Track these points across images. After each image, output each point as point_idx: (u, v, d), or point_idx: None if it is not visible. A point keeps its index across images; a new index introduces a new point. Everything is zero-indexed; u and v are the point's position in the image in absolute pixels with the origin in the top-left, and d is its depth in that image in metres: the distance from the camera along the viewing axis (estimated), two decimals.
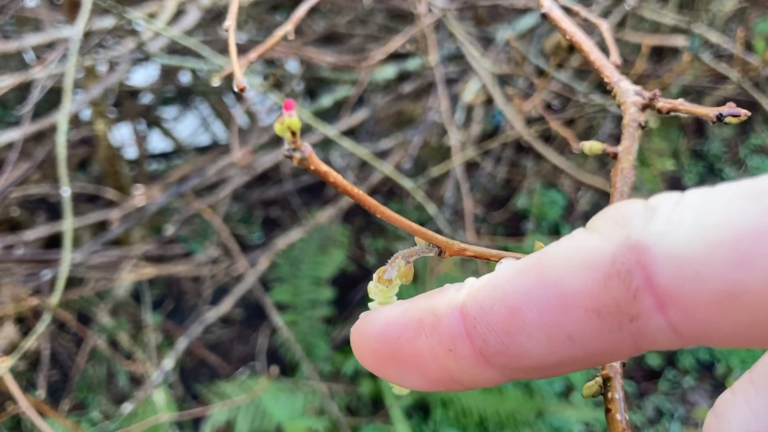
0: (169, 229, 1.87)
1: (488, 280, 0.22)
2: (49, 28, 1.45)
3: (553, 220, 2.42)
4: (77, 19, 1.04)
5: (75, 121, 1.91)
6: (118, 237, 1.69)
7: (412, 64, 1.72)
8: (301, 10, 0.69)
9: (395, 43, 1.21)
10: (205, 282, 2.07)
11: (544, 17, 0.49)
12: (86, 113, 1.94)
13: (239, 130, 2.05)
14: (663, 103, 0.42)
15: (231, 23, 0.63)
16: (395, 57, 1.68)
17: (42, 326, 0.88)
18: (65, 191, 0.92)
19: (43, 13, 1.62)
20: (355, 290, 2.24)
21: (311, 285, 2.10)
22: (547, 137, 2.14)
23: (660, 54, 2.11)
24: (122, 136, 2.33)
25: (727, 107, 0.38)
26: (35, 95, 1.13)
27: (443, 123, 1.49)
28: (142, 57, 1.31)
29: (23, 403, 0.84)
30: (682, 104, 0.42)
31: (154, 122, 2.39)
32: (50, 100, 1.48)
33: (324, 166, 0.23)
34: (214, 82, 0.76)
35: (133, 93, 2.18)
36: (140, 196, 1.72)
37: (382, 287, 0.27)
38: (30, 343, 0.84)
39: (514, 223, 2.46)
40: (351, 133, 1.95)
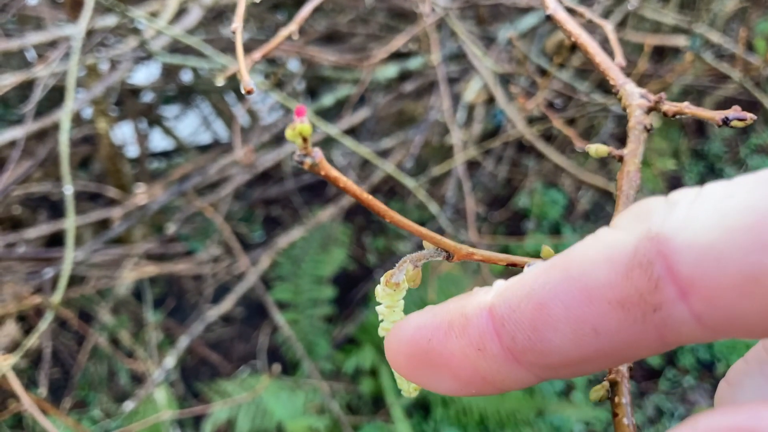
0: (171, 228, 1.87)
1: (516, 280, 0.23)
2: (51, 27, 1.45)
3: (553, 220, 2.42)
4: (80, 18, 1.04)
5: (77, 120, 1.91)
6: (119, 235, 1.69)
7: (414, 63, 1.72)
8: (305, 10, 0.69)
9: (397, 42, 1.21)
10: (207, 280, 2.07)
11: (549, 19, 0.49)
12: (88, 111, 1.94)
13: (240, 128, 2.05)
14: (668, 106, 0.42)
15: (238, 25, 0.63)
16: (397, 56, 1.68)
17: (44, 324, 0.88)
18: (68, 189, 0.92)
19: (44, 11, 1.62)
20: (356, 289, 2.25)
21: (312, 284, 2.10)
22: (548, 136, 2.15)
23: (661, 54, 2.11)
24: (124, 134, 2.33)
25: (733, 111, 0.38)
26: (37, 93, 1.13)
27: (445, 122, 1.49)
28: (144, 55, 1.31)
29: (25, 401, 0.84)
30: (688, 107, 0.42)
31: (156, 121, 2.39)
32: (52, 98, 1.48)
33: (334, 172, 0.24)
34: (219, 82, 0.76)
35: (135, 91, 2.18)
36: (142, 195, 1.73)
37: (390, 291, 0.27)
38: (32, 342, 0.85)
39: (515, 223, 2.46)
40: (352, 132, 1.95)
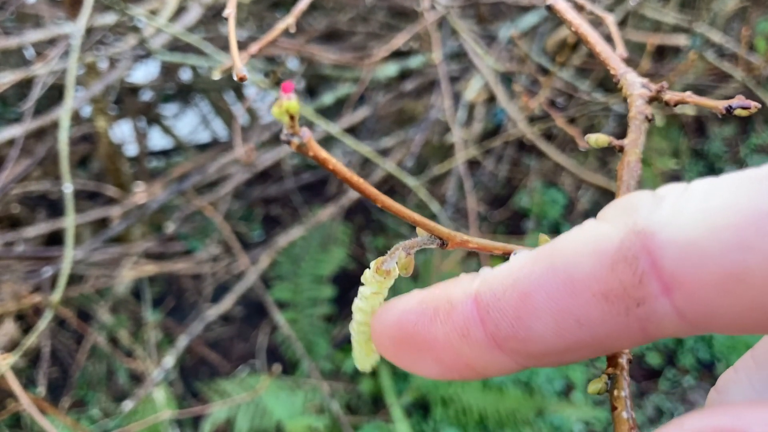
0: (170, 227, 1.86)
1: (502, 268, 0.23)
2: (50, 25, 1.44)
3: (553, 219, 2.42)
4: (79, 16, 1.03)
5: (75, 118, 1.90)
6: (118, 234, 1.68)
7: (414, 62, 1.72)
8: (302, 4, 0.69)
9: (398, 41, 1.21)
10: (206, 280, 2.06)
11: (549, 9, 0.49)
12: (87, 110, 1.94)
13: (240, 127, 2.05)
14: (670, 96, 0.42)
15: (231, 11, 0.62)
16: (397, 54, 1.68)
17: (43, 323, 0.88)
18: (67, 188, 0.92)
19: (43, 9, 1.62)
20: (355, 288, 2.24)
21: (312, 283, 2.10)
22: (549, 135, 2.14)
23: (661, 53, 2.11)
24: (123, 133, 2.33)
25: (737, 99, 0.38)
26: (36, 92, 1.12)
27: (445, 121, 1.49)
28: (144, 54, 1.31)
29: (24, 401, 0.84)
30: (690, 96, 0.42)
31: (155, 119, 2.39)
32: (50, 96, 1.48)
33: (323, 153, 0.23)
34: (215, 76, 0.76)
35: (134, 90, 2.17)
36: (141, 194, 1.72)
37: (380, 278, 0.27)
38: (31, 341, 0.84)
39: (515, 222, 2.46)
40: (352, 131, 1.94)
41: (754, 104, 0.37)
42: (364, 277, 0.27)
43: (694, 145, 2.64)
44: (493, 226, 2.41)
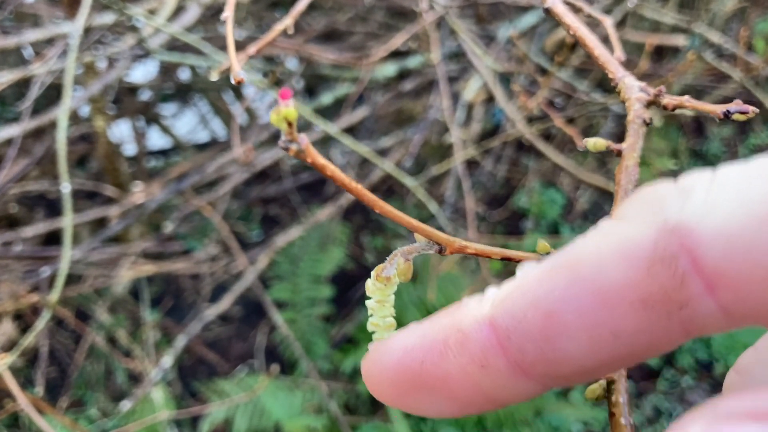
0: (169, 227, 1.86)
1: (515, 287, 0.21)
2: (49, 24, 1.44)
3: (552, 219, 2.42)
4: (77, 15, 1.03)
5: (74, 118, 1.90)
6: (116, 234, 1.68)
7: (413, 62, 1.72)
8: (301, 5, 0.69)
9: (397, 41, 1.20)
10: (204, 279, 2.06)
11: (547, 12, 0.49)
12: (85, 110, 1.94)
13: (239, 127, 2.04)
14: (669, 100, 0.42)
15: (229, 14, 0.62)
16: (396, 54, 1.68)
17: (41, 323, 0.88)
18: (65, 187, 0.91)
19: (42, 8, 1.62)
20: (354, 288, 2.24)
21: (310, 283, 2.10)
22: (547, 136, 2.14)
23: (660, 53, 2.11)
24: (121, 132, 2.33)
25: (735, 104, 0.38)
26: (35, 91, 1.12)
27: (443, 121, 1.49)
28: (142, 53, 1.31)
29: (22, 400, 0.84)
30: (689, 101, 0.42)
31: (153, 119, 2.39)
32: (48, 96, 1.48)
33: (321, 159, 0.23)
34: (213, 77, 0.76)
35: (132, 90, 2.17)
36: (139, 193, 1.72)
37: (381, 285, 0.26)
38: (29, 341, 0.84)
39: (514, 222, 2.46)
40: (351, 131, 1.94)
41: (752, 109, 0.37)
42: (366, 287, 0.27)
43: (693, 146, 2.64)
44: (491, 226, 2.41)
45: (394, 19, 1.96)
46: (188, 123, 2.60)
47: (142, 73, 2.18)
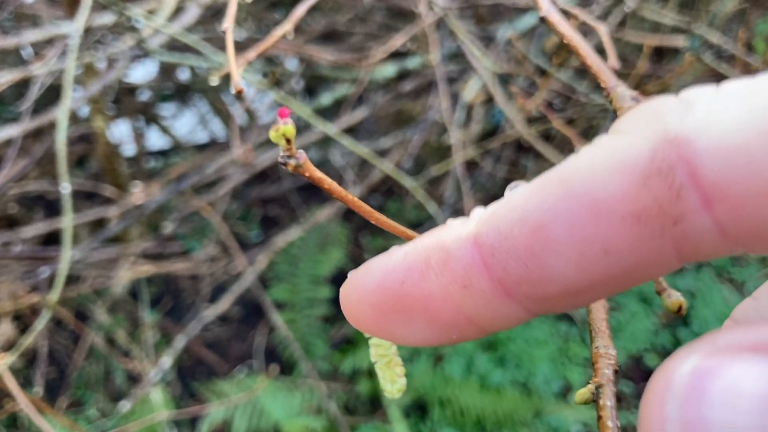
0: (168, 227, 1.86)
1: (503, 203, 0.20)
2: (48, 25, 1.44)
3: None
4: (77, 16, 1.03)
5: (73, 118, 1.90)
6: (116, 234, 1.68)
7: (412, 63, 1.72)
8: (301, 9, 0.69)
9: (396, 42, 1.20)
10: (204, 280, 2.06)
11: (543, 21, 0.49)
12: (84, 110, 1.94)
13: (238, 127, 2.04)
14: None
15: (229, 25, 0.63)
16: (395, 55, 1.68)
17: (41, 324, 0.88)
18: (65, 188, 0.91)
19: (42, 9, 1.62)
20: None
21: (310, 283, 2.10)
22: (547, 136, 2.14)
23: (660, 54, 2.11)
24: (120, 133, 2.33)
25: None
26: (35, 91, 1.12)
27: (443, 122, 1.49)
28: (142, 54, 1.31)
29: (21, 400, 0.84)
30: None
31: (153, 119, 2.39)
32: (47, 96, 1.47)
33: (318, 173, 0.23)
34: (213, 82, 0.76)
35: (132, 90, 2.17)
36: (139, 194, 1.72)
37: None
38: (29, 341, 0.84)
39: None
40: (350, 132, 1.94)
41: None
42: None
43: None
44: None
45: (394, 20, 1.96)
46: (187, 123, 2.60)
47: (142, 74, 2.18)
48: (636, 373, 2.11)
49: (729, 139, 0.16)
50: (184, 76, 2.25)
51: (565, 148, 2.18)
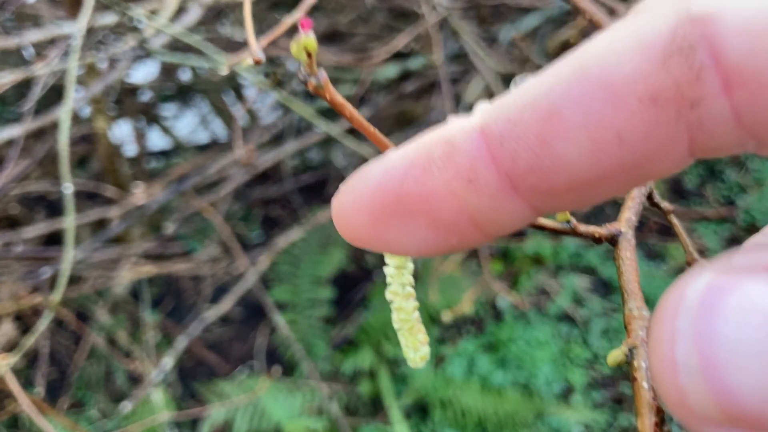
0: (169, 228, 1.86)
1: (512, 92, 0.19)
2: (50, 25, 1.44)
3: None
4: (79, 16, 1.03)
5: (74, 118, 1.90)
6: (117, 235, 1.68)
7: (415, 64, 1.72)
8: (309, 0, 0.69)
9: (399, 42, 1.20)
10: (205, 281, 2.06)
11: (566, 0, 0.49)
12: (86, 110, 1.93)
13: (240, 128, 2.04)
14: None
15: None
16: (397, 56, 1.68)
17: (43, 324, 0.87)
18: (67, 188, 0.91)
19: (43, 9, 1.61)
20: (354, 290, 2.24)
21: (311, 284, 2.10)
22: None
23: None
24: (122, 133, 2.32)
25: None
26: (37, 92, 1.12)
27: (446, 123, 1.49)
28: (143, 54, 1.30)
29: (22, 401, 0.83)
30: None
31: (154, 120, 2.38)
32: (49, 96, 1.47)
33: (340, 98, 0.22)
34: (223, 71, 0.75)
35: (133, 90, 2.17)
36: (140, 194, 1.72)
37: (396, 261, 0.26)
38: (31, 342, 0.84)
39: None
40: (352, 132, 1.94)
41: None
42: (385, 255, 0.25)
43: None
44: None
45: (396, 21, 1.96)
46: (189, 124, 2.60)
47: (143, 74, 2.18)
48: None
49: (757, 19, 0.16)
50: (185, 76, 2.25)
51: None
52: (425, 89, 1.92)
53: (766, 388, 0.14)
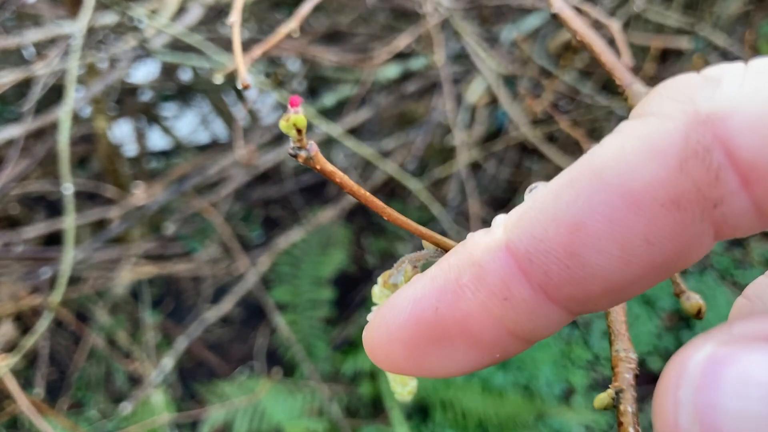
0: (170, 228, 1.85)
1: (529, 206, 0.19)
2: (51, 24, 1.43)
3: None
4: (80, 15, 1.02)
5: (75, 118, 1.89)
6: (117, 235, 1.67)
7: (416, 64, 1.71)
8: (306, 8, 0.68)
9: (400, 42, 1.20)
10: (205, 281, 2.06)
11: (555, 17, 0.48)
12: (86, 110, 1.93)
13: (241, 128, 2.04)
14: None
15: (236, 18, 0.62)
16: (399, 56, 1.67)
17: (43, 325, 0.87)
18: (68, 188, 0.91)
19: (44, 8, 1.61)
20: (355, 291, 2.23)
21: (312, 285, 2.09)
22: (550, 137, 2.14)
23: (663, 56, 2.10)
24: (122, 133, 2.32)
25: None
26: (37, 92, 1.11)
27: (447, 123, 1.48)
28: (144, 54, 1.30)
29: (22, 402, 0.83)
30: None
31: (154, 120, 2.38)
32: (49, 96, 1.47)
33: (330, 166, 0.22)
34: (217, 80, 0.75)
35: (133, 90, 2.17)
36: (140, 194, 1.71)
37: (388, 292, 0.26)
38: (31, 343, 0.83)
39: None
40: (353, 133, 1.94)
41: None
42: (373, 294, 0.26)
43: None
44: None
45: (397, 21, 1.96)
46: (189, 124, 2.60)
47: (143, 74, 2.17)
48: (640, 377, 2.11)
49: (764, 115, 0.16)
50: (185, 76, 2.24)
51: (569, 150, 2.17)
52: (426, 90, 1.91)
53: None
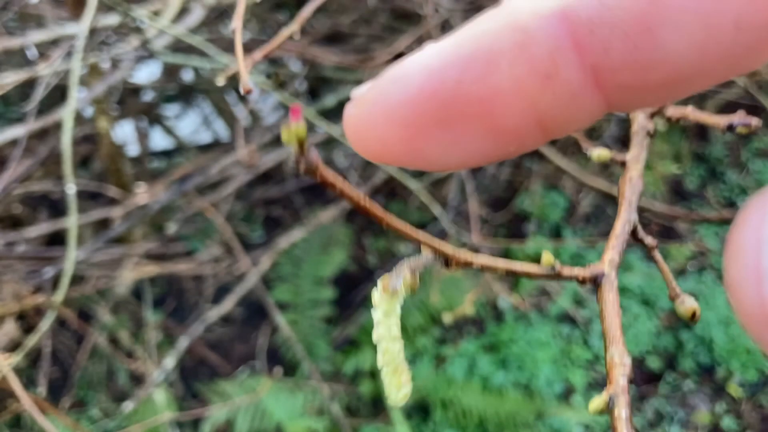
0: (171, 228, 1.86)
1: None
2: (53, 25, 1.44)
3: (554, 222, 2.42)
4: (83, 16, 1.03)
5: (77, 118, 1.90)
6: (119, 235, 1.68)
7: None
8: (307, 10, 0.69)
9: (402, 43, 1.21)
10: (207, 281, 2.06)
11: None
12: (88, 110, 1.94)
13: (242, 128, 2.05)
14: (673, 111, 0.42)
15: (237, 24, 0.63)
16: (399, 57, 1.68)
17: (46, 324, 0.88)
18: (70, 188, 0.92)
19: (46, 9, 1.62)
20: (356, 290, 2.24)
21: (313, 284, 2.10)
22: None
23: None
24: (124, 133, 2.33)
25: (738, 117, 0.38)
26: (40, 92, 1.12)
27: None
28: (146, 55, 1.31)
29: (24, 401, 0.84)
30: (692, 112, 0.42)
31: (156, 120, 2.39)
32: (52, 97, 1.48)
33: (332, 176, 0.23)
34: (219, 82, 0.76)
35: (136, 90, 2.17)
36: (142, 194, 1.72)
37: (387, 297, 0.27)
38: (34, 341, 0.84)
39: (516, 225, 2.46)
40: None
41: (755, 122, 0.37)
42: (373, 300, 0.27)
43: (696, 149, 2.64)
44: (493, 229, 2.41)
45: (398, 22, 1.96)
46: (191, 124, 2.60)
47: (146, 74, 2.18)
48: (638, 376, 2.11)
49: None
50: (187, 76, 2.25)
51: (569, 150, 2.18)
52: None
53: None
